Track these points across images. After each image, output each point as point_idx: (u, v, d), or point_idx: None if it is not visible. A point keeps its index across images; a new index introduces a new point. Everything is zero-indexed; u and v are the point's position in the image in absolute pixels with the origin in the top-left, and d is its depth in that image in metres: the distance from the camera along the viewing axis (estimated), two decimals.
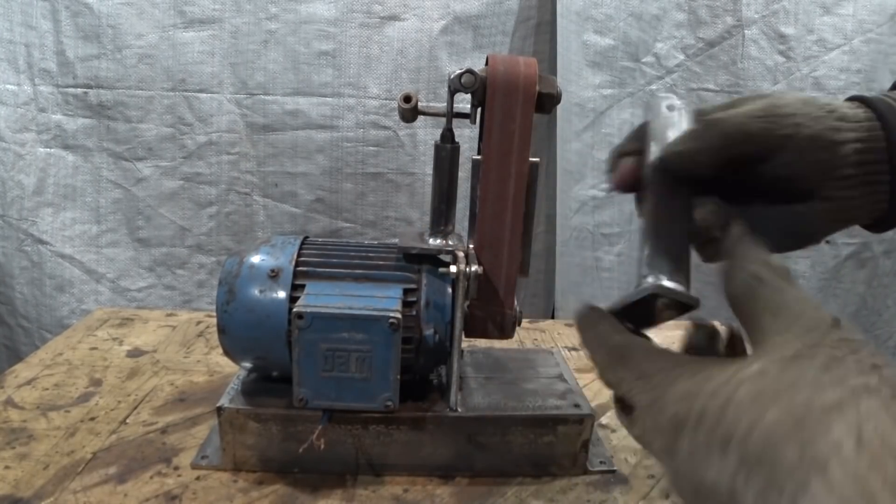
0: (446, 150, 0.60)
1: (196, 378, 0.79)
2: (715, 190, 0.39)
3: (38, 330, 1.21)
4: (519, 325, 0.63)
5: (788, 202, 0.39)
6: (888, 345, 1.42)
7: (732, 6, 1.21)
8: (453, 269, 0.55)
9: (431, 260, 0.61)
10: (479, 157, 0.58)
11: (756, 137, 0.38)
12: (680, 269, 0.36)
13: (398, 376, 0.55)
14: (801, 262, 1.31)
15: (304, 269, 0.59)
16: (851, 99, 0.41)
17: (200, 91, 1.16)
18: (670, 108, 0.41)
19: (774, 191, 0.39)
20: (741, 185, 0.39)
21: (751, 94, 0.41)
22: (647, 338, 0.35)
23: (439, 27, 1.16)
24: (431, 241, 0.62)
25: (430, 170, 0.63)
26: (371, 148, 1.20)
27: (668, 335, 0.37)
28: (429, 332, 0.58)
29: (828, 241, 0.79)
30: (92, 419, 0.68)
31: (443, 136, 0.60)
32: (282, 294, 0.57)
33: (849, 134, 0.38)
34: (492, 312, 0.61)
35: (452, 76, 0.56)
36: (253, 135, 1.19)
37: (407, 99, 0.58)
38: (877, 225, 0.42)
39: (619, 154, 0.43)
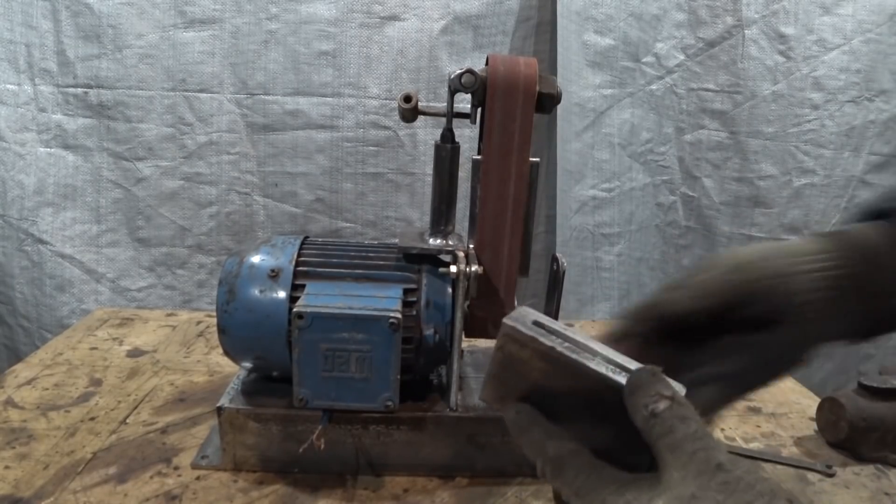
0: (446, 150, 0.60)
1: (196, 378, 0.79)
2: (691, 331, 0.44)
3: (38, 330, 1.21)
4: None
5: (758, 330, 0.43)
6: (888, 345, 1.42)
7: (732, 6, 1.21)
8: (453, 269, 0.55)
9: (431, 260, 0.61)
10: (479, 157, 0.58)
11: (735, 289, 0.43)
12: None
13: (398, 376, 0.55)
14: None
15: (305, 269, 0.59)
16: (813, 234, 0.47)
17: (201, 91, 1.16)
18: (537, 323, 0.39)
19: (748, 325, 0.43)
20: (717, 325, 0.44)
21: (713, 257, 0.46)
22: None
23: (439, 27, 1.16)
24: (431, 241, 0.62)
25: (430, 170, 0.63)
26: (371, 148, 1.20)
27: None
28: (429, 332, 0.58)
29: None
30: (92, 419, 0.68)
31: (443, 136, 0.60)
32: (282, 294, 0.57)
33: (802, 266, 0.43)
34: (492, 312, 0.61)
35: (452, 76, 0.56)
36: (253, 135, 1.19)
37: (407, 99, 0.58)
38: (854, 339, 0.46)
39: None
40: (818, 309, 0.43)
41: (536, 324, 0.36)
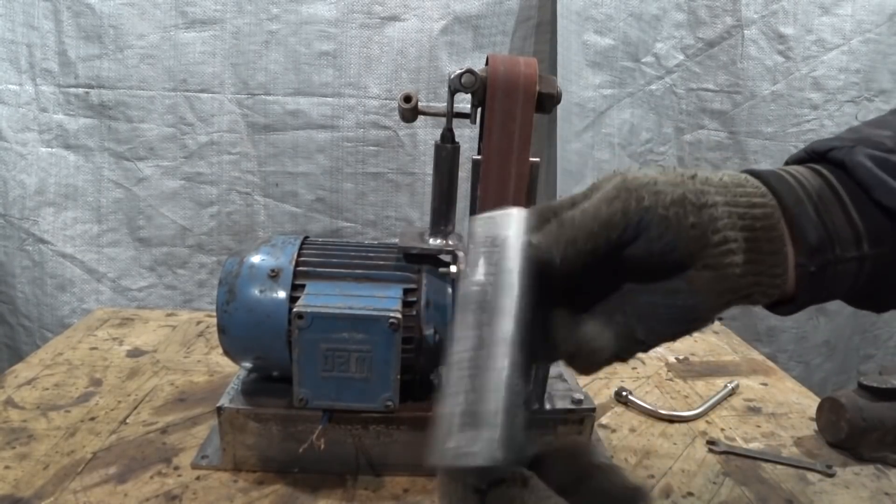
0: (446, 150, 0.60)
1: (196, 378, 0.79)
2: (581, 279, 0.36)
3: (39, 329, 1.21)
4: None
5: (666, 277, 0.35)
6: (888, 345, 1.42)
7: (732, 6, 1.21)
8: (453, 269, 0.55)
9: (431, 260, 0.61)
10: (479, 157, 0.58)
11: (614, 220, 0.34)
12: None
13: (398, 376, 0.55)
14: None
15: (305, 269, 0.60)
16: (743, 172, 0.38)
17: (202, 91, 1.16)
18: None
19: (650, 268, 0.35)
20: (612, 269, 0.36)
21: (604, 178, 0.37)
22: None
23: (439, 27, 1.16)
24: (431, 241, 0.62)
25: (430, 170, 0.63)
26: (371, 148, 1.20)
27: None
28: (429, 332, 0.58)
29: (720, 319, 0.75)
30: (92, 419, 0.68)
31: (443, 136, 0.60)
32: (282, 294, 0.57)
33: (716, 197, 0.35)
34: None
35: (452, 76, 0.56)
36: (254, 135, 1.19)
37: (407, 99, 0.58)
38: (777, 305, 0.38)
39: None
40: (736, 252, 0.34)
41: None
